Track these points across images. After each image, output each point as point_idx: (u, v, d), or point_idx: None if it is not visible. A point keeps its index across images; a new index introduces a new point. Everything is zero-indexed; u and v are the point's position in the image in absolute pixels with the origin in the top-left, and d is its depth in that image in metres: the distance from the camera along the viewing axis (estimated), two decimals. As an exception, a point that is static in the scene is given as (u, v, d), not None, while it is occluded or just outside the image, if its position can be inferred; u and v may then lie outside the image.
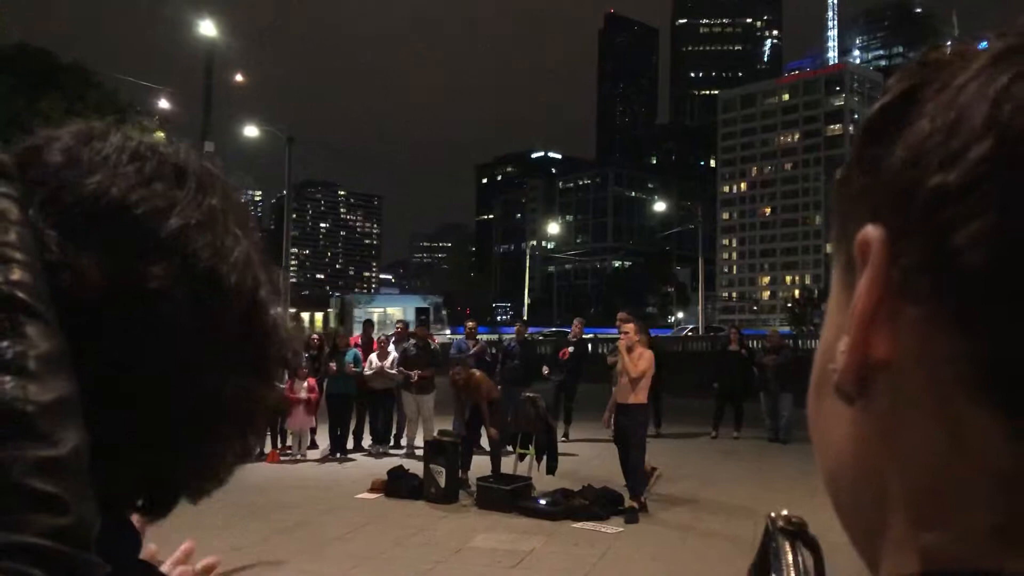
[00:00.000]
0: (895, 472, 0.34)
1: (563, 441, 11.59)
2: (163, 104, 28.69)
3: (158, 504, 0.60)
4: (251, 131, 32.61)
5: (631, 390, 8.15)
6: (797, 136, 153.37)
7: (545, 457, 9.03)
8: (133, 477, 0.56)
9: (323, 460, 11.33)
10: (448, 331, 49.83)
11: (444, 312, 58.55)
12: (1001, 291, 0.29)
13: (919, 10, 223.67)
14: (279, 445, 11.69)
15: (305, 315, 51.60)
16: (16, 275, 0.47)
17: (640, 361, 8.11)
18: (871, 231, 0.33)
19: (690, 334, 46.52)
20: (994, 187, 0.29)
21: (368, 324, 13.73)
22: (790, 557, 0.43)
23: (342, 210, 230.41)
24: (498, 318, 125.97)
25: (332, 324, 48.48)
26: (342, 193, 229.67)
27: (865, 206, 0.34)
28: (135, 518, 0.61)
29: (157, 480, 0.58)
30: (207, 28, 25.47)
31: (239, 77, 30.93)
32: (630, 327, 8.33)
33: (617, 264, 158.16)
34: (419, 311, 49.41)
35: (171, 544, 0.97)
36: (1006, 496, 0.30)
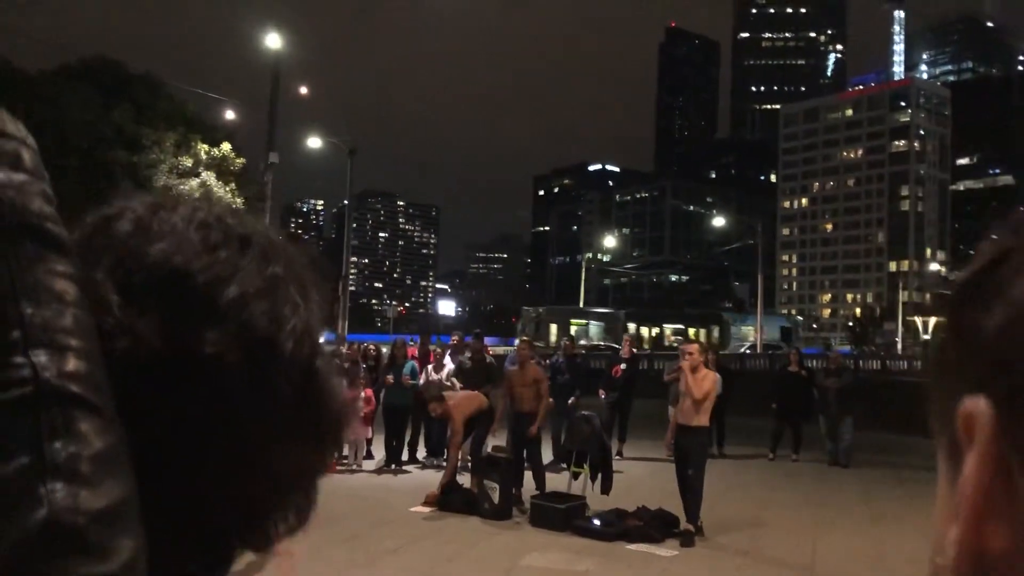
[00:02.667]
0: None
1: (617, 459, 11.49)
2: (229, 115, 29.39)
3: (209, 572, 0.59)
4: (314, 142, 33.20)
5: (695, 412, 8.06)
6: (860, 152, 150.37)
7: (600, 476, 8.97)
8: (183, 546, 0.55)
9: (378, 471, 11.43)
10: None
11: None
12: None
13: (990, 24, 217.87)
14: (335, 454, 11.82)
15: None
16: (71, 365, 0.45)
17: (704, 382, 8.02)
18: (976, 404, 0.30)
19: (748, 351, 45.88)
20: None
21: (425, 336, 13.82)
22: None
23: (400, 220, 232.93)
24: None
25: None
26: (401, 203, 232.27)
27: (967, 378, 0.31)
28: None
29: (208, 548, 0.57)
30: (272, 40, 26.00)
31: (303, 90, 31.52)
32: (694, 348, 8.29)
33: (674, 278, 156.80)
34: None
35: None
36: None
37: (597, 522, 8.15)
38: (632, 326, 50.55)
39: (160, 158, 25.22)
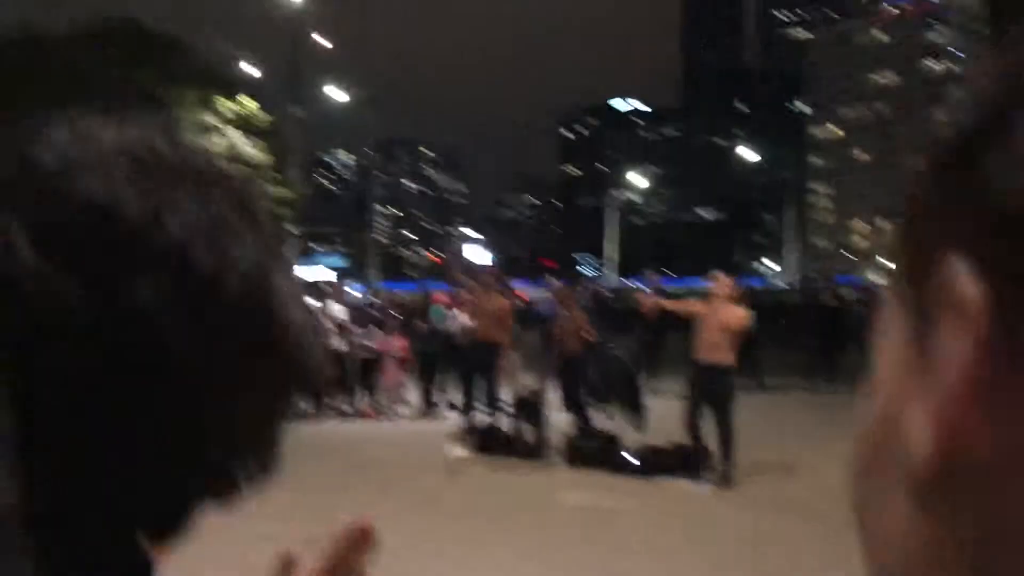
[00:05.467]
0: None
1: (652, 396, 11.50)
2: (254, 72, 29.29)
3: (167, 526, 0.55)
4: (336, 94, 33.06)
5: (719, 346, 7.62)
6: (893, 77, 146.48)
7: (633, 413, 9.02)
8: (142, 501, 0.52)
9: (415, 417, 11.59)
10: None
11: None
12: None
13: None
14: (373, 402, 11.99)
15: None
16: None
17: (732, 312, 7.66)
18: (968, 276, 0.25)
19: (780, 284, 45.52)
20: None
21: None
22: None
23: (427, 168, 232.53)
24: (583, 272, 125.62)
25: None
26: (428, 153, 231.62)
27: (954, 237, 0.26)
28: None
29: (160, 502, 0.53)
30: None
31: (325, 43, 31.26)
32: (725, 279, 8.01)
33: (705, 215, 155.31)
34: None
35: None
36: None
37: (632, 459, 8.22)
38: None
39: (182, 115, 25.25)
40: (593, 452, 8.36)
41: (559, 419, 9.51)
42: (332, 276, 40.03)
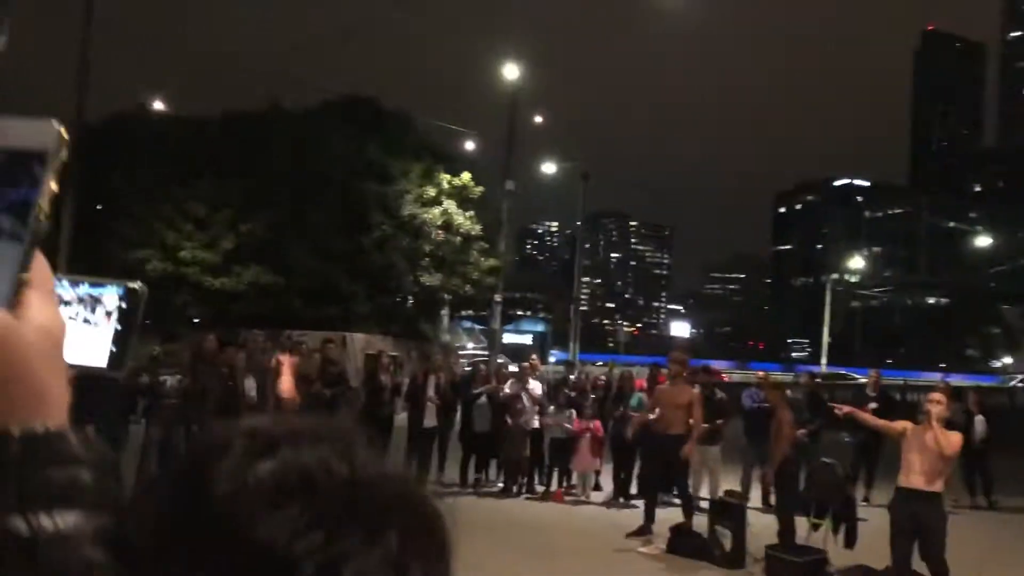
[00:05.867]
0: None
1: (863, 505, 10.53)
2: (469, 146, 30.78)
3: None
4: (549, 168, 33.98)
5: (934, 473, 6.63)
6: None
7: (843, 528, 8.26)
8: None
9: (606, 504, 11.29)
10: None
11: None
12: None
13: None
14: (564, 484, 11.83)
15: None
16: None
17: (953, 439, 6.65)
18: None
19: (1021, 384, 40.87)
20: None
21: (655, 367, 13.54)
22: None
23: (632, 240, 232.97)
24: (793, 355, 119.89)
25: None
26: (633, 224, 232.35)
27: None
28: None
29: None
30: (510, 72, 26.92)
31: (538, 119, 32.37)
32: (942, 396, 7.18)
33: (931, 301, 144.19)
34: None
35: None
36: None
37: (840, 580, 7.52)
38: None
39: (407, 188, 26.84)
40: (797, 568, 7.71)
41: (759, 525, 8.91)
42: (528, 340, 40.71)
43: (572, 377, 15.22)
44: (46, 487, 0.42)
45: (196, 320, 25.35)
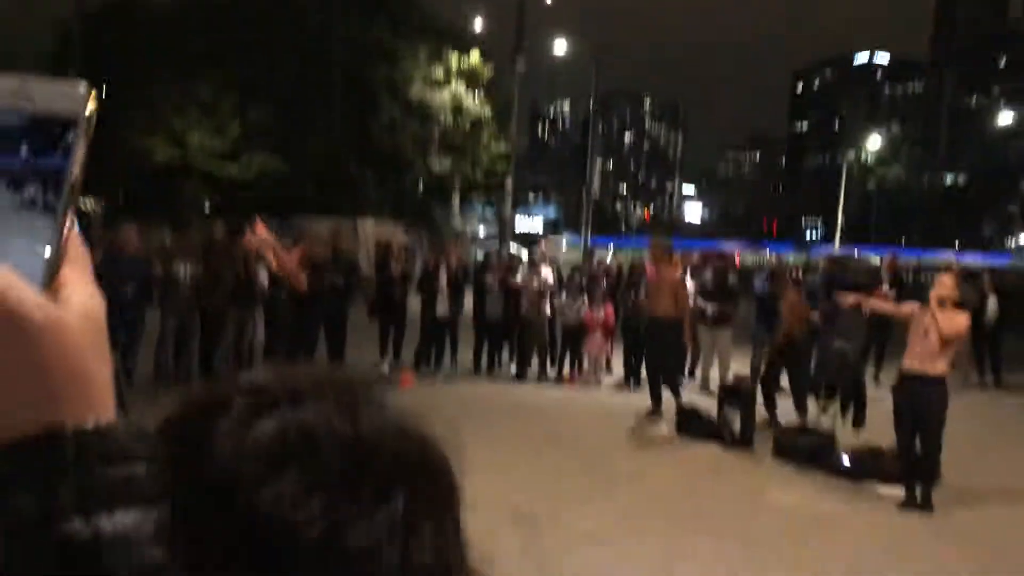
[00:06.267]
0: None
1: (874, 386, 10.63)
2: (478, 25, 29.79)
3: None
4: (560, 47, 32.99)
5: (936, 355, 6.65)
6: None
7: (852, 410, 8.38)
8: None
9: (617, 388, 11.46)
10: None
11: None
12: None
13: None
14: (576, 370, 11.98)
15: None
16: None
17: (957, 321, 6.65)
18: None
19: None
20: None
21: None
22: None
23: (645, 121, 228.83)
24: (807, 236, 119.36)
25: None
26: (646, 105, 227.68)
27: None
28: None
29: None
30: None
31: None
32: (949, 278, 7.09)
33: (949, 180, 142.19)
34: None
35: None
36: None
37: (846, 460, 7.65)
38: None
39: (414, 70, 26.20)
40: (804, 449, 7.85)
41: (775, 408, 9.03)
42: (540, 225, 40.57)
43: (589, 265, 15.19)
44: (103, 486, 0.41)
45: (207, 209, 25.30)
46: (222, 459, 0.45)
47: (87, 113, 0.45)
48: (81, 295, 0.44)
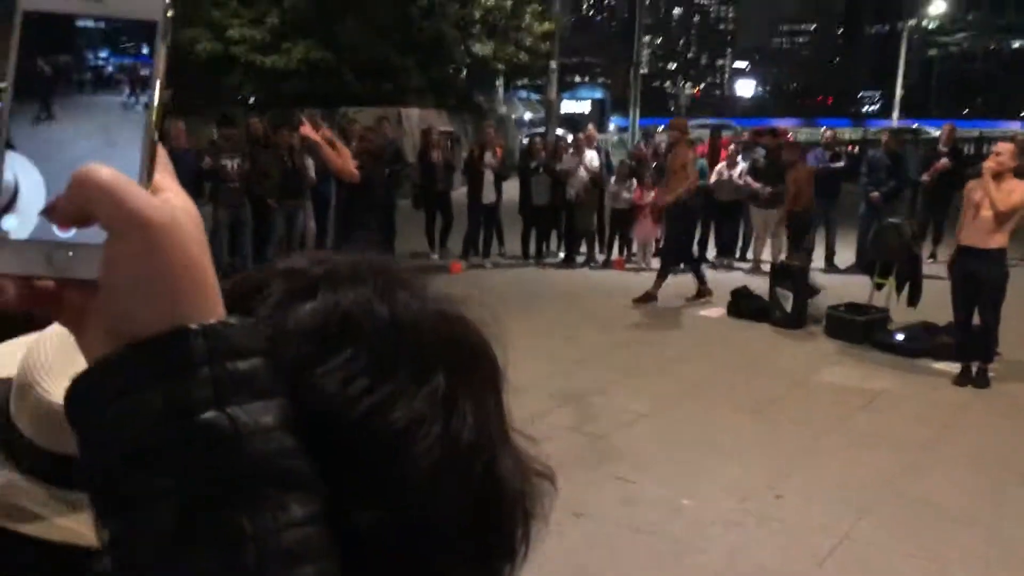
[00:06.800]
0: None
1: (930, 262, 10.40)
2: None
3: None
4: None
5: (993, 230, 6.40)
6: None
7: (907, 287, 8.22)
8: None
9: (667, 270, 11.39)
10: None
11: None
12: None
13: None
14: (624, 253, 11.92)
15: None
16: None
17: (1014, 194, 6.36)
18: None
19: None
20: None
21: (716, 132, 13.15)
22: None
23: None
24: (864, 109, 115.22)
25: None
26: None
27: None
28: None
29: None
30: None
31: None
32: (1006, 148, 6.77)
33: (1016, 45, 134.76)
34: None
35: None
36: None
37: (900, 337, 7.58)
38: None
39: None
40: (857, 326, 7.78)
41: (821, 286, 8.93)
42: (587, 108, 39.73)
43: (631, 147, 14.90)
44: (233, 381, 0.42)
45: (250, 102, 25.21)
46: (265, 339, 0.46)
47: (166, 17, 0.46)
48: (180, 196, 0.45)
